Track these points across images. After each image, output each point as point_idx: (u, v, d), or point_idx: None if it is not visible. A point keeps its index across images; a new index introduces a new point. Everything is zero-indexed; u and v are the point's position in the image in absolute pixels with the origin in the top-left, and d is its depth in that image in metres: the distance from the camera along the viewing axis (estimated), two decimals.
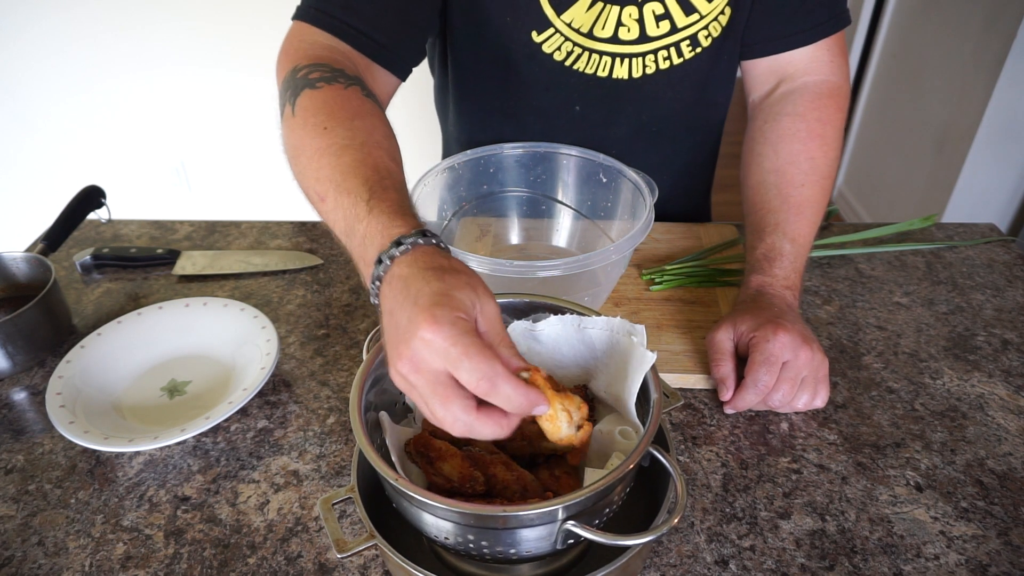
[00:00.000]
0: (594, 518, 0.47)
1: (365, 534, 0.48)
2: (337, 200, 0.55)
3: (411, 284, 0.45)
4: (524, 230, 0.90)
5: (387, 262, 0.47)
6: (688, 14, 0.81)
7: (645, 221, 0.71)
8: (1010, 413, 0.71)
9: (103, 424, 0.70)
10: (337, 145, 0.59)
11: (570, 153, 0.84)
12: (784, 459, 0.67)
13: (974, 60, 1.92)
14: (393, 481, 0.44)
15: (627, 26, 0.81)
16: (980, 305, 0.86)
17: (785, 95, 0.86)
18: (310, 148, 0.60)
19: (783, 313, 0.70)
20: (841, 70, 0.85)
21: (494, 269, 0.65)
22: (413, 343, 0.42)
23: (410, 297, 0.44)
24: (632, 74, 0.85)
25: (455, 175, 0.84)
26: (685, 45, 0.83)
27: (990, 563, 0.57)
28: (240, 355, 0.79)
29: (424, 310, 0.43)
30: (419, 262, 0.46)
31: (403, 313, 0.44)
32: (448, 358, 0.42)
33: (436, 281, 0.45)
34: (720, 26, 0.83)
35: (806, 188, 0.79)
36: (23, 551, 0.60)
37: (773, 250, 0.76)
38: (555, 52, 0.83)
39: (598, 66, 0.84)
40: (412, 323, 0.43)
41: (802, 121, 0.82)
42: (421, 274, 0.46)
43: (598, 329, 0.56)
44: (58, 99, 2.42)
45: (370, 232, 0.50)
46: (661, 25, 0.81)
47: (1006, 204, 2.02)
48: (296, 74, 0.68)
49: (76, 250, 0.99)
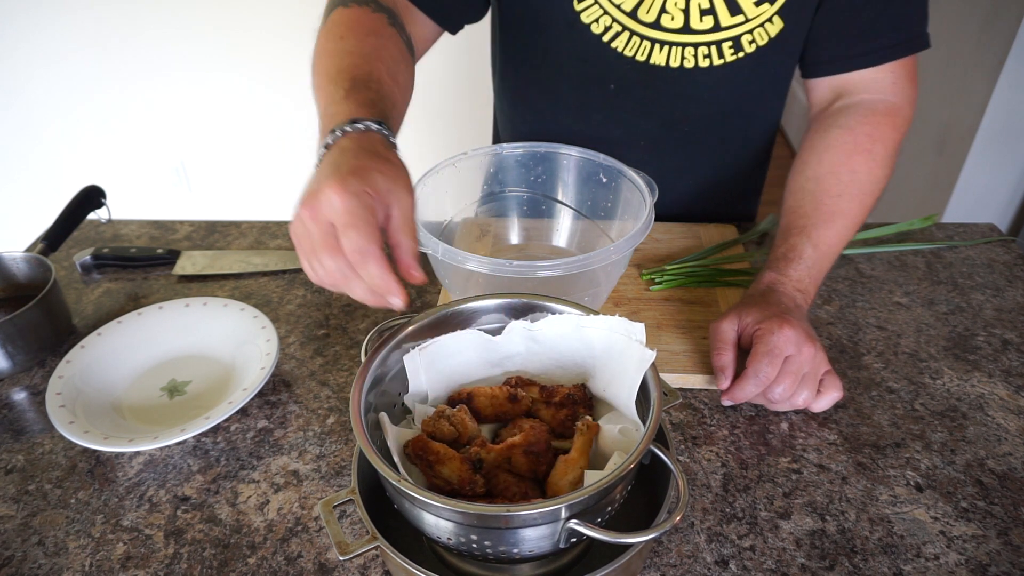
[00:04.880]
0: (596, 516, 0.47)
1: (366, 535, 0.48)
2: (325, 88, 0.64)
3: (345, 154, 0.53)
4: (524, 230, 0.90)
5: (338, 133, 0.56)
6: (733, 14, 0.80)
7: (645, 221, 0.71)
8: (1010, 413, 0.71)
9: (103, 424, 0.70)
10: (344, 51, 0.68)
11: (570, 153, 0.84)
12: (784, 459, 0.67)
13: (974, 60, 1.92)
14: (396, 483, 0.44)
15: (671, 14, 0.80)
16: (980, 305, 0.86)
17: (840, 109, 0.84)
18: (324, 50, 0.70)
19: (790, 310, 0.70)
20: (905, 93, 0.83)
21: (494, 269, 0.65)
22: (320, 195, 0.49)
23: (336, 163, 0.52)
24: (670, 63, 0.84)
25: (456, 175, 0.83)
26: (727, 47, 0.82)
27: (990, 563, 0.57)
28: (240, 355, 0.79)
29: (339, 175, 0.50)
30: (361, 141, 0.55)
31: (325, 172, 0.52)
32: (338, 220, 0.49)
33: (365, 159, 0.53)
34: (767, 35, 0.82)
35: (842, 200, 0.77)
36: (23, 551, 0.60)
37: (793, 251, 0.75)
38: (593, 24, 0.83)
39: (637, 49, 0.83)
40: (326, 181, 0.50)
41: (850, 134, 0.81)
42: (357, 151, 0.54)
43: (597, 328, 0.56)
44: (58, 100, 2.42)
45: (338, 112, 0.59)
46: (705, 20, 0.80)
47: (1006, 204, 2.02)
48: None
49: (76, 250, 0.99)
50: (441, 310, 0.57)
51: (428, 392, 0.57)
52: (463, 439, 0.53)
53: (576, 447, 0.51)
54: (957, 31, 2.01)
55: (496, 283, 0.68)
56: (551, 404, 0.56)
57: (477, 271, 0.66)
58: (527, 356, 0.59)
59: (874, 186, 0.80)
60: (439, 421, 0.53)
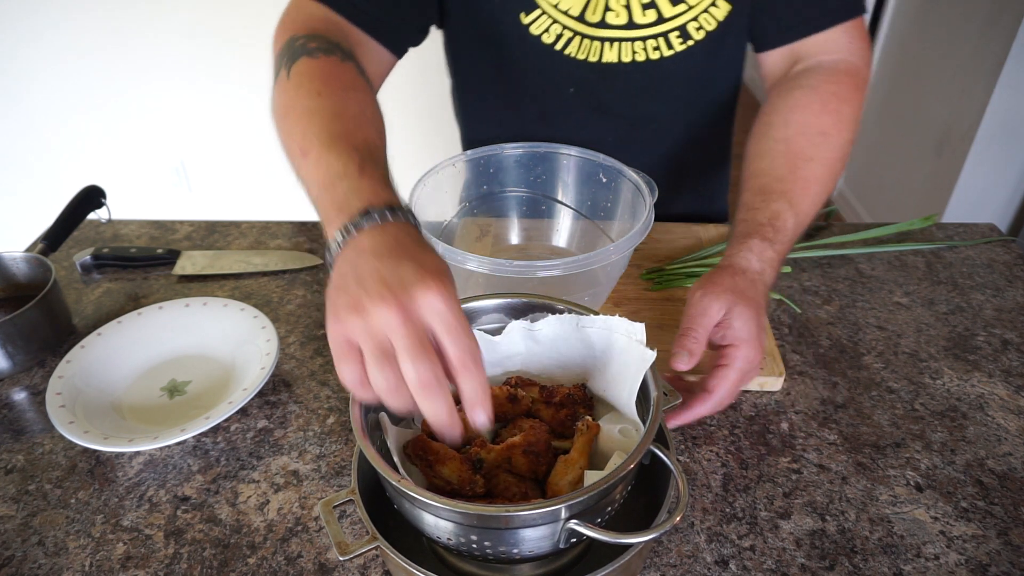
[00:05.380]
0: (596, 516, 0.47)
1: (366, 536, 0.48)
2: (322, 156, 0.55)
3: (408, 246, 0.46)
4: (524, 230, 0.90)
5: (377, 218, 0.47)
6: (675, 4, 0.80)
7: (645, 221, 0.71)
8: (1010, 413, 0.71)
9: (103, 424, 0.70)
10: (329, 111, 0.60)
11: (570, 153, 0.84)
12: (784, 459, 0.67)
13: (974, 60, 1.92)
14: (396, 483, 0.44)
15: (615, 11, 0.81)
16: (980, 305, 0.86)
17: (801, 71, 0.82)
18: (301, 108, 0.61)
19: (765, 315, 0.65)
20: (861, 53, 0.81)
21: (494, 269, 0.65)
22: (415, 292, 0.42)
23: (410, 254, 0.45)
24: (621, 58, 0.84)
25: (455, 175, 0.84)
26: (675, 36, 0.82)
27: (990, 563, 0.57)
28: (240, 355, 0.79)
29: (433, 274, 0.43)
30: (413, 234, 0.48)
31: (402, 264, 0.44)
32: (445, 322, 0.43)
33: (438, 258, 0.46)
34: (714, 20, 0.82)
35: (815, 165, 0.73)
36: (23, 551, 0.60)
37: (779, 219, 0.69)
38: (543, 35, 0.83)
39: (588, 51, 0.84)
40: (418, 275, 0.43)
41: (816, 94, 0.77)
42: (419, 244, 0.47)
43: (596, 328, 0.56)
44: (58, 99, 2.42)
45: (361, 188, 0.50)
46: (648, 14, 0.81)
47: (1006, 204, 2.02)
48: (294, 43, 0.69)
49: (76, 250, 0.99)
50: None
51: None
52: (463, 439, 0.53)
53: (576, 447, 0.51)
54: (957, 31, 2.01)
55: (496, 283, 0.68)
56: (551, 404, 0.56)
57: (477, 271, 0.66)
58: (527, 356, 0.59)
59: (842, 151, 0.76)
60: None
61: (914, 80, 2.27)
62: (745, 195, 0.73)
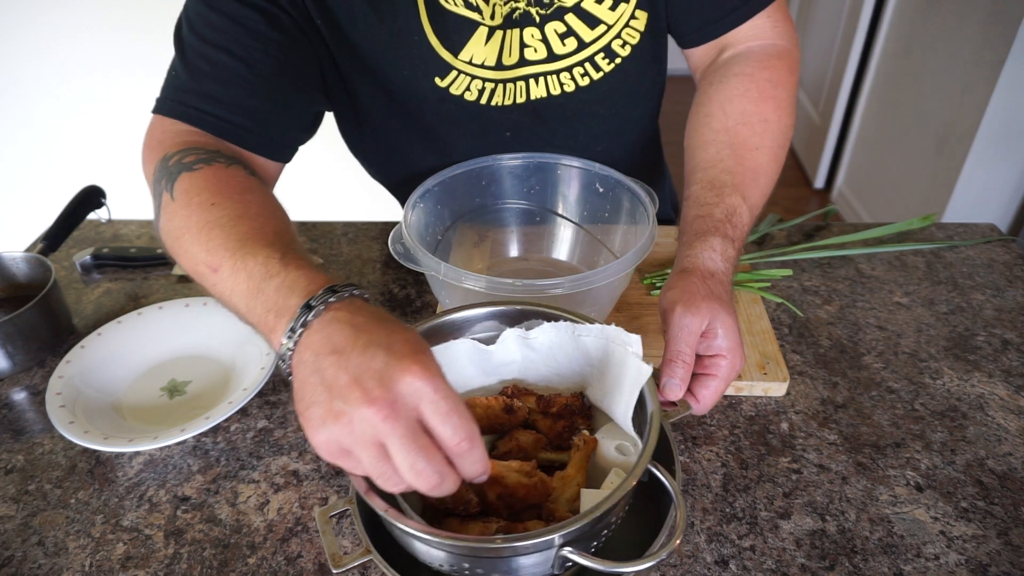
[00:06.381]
0: (592, 541, 0.46)
1: (362, 547, 0.47)
2: (236, 265, 0.51)
3: (367, 329, 0.42)
4: (522, 241, 0.89)
5: (320, 307, 0.44)
6: (593, 27, 0.77)
7: (649, 236, 0.69)
8: (1010, 413, 0.71)
9: (103, 424, 0.70)
10: (229, 217, 0.55)
11: (565, 163, 0.83)
12: (784, 459, 0.67)
13: (974, 60, 1.92)
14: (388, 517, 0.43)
15: (532, 47, 0.77)
16: (980, 305, 0.86)
17: (731, 58, 0.80)
18: (196, 225, 0.56)
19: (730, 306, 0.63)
20: (788, 34, 0.80)
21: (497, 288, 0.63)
22: (393, 383, 0.39)
23: (373, 339, 0.41)
24: (550, 91, 0.80)
25: (449, 188, 0.82)
26: (601, 58, 0.79)
27: (990, 563, 0.57)
28: (240, 355, 0.79)
29: (408, 356, 0.40)
30: (366, 311, 0.44)
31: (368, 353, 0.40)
32: (433, 406, 0.40)
33: (404, 331, 0.42)
34: (637, 32, 0.79)
35: (760, 153, 0.72)
36: (23, 551, 0.60)
37: (735, 214, 0.67)
38: (465, 93, 0.79)
39: (515, 93, 0.80)
40: (391, 362, 0.40)
41: (752, 81, 0.76)
42: (380, 323, 0.43)
43: (593, 337, 0.54)
44: (58, 99, 2.42)
45: (289, 283, 0.47)
46: (567, 43, 0.77)
47: (1006, 204, 2.02)
48: (168, 162, 0.63)
49: (76, 250, 0.99)
50: (433, 320, 0.56)
51: None
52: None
53: (573, 463, 0.51)
54: (957, 31, 2.01)
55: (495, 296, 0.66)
56: (548, 415, 0.55)
57: (477, 290, 0.64)
58: (524, 364, 0.58)
59: (784, 137, 0.75)
60: None
61: (914, 80, 2.27)
62: (694, 188, 0.71)
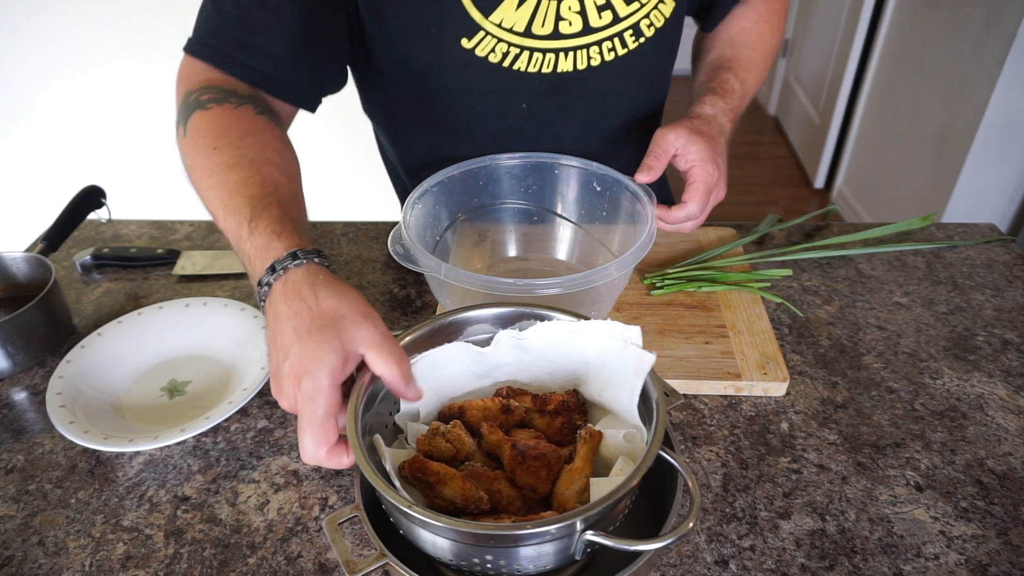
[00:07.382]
0: (610, 525, 0.46)
1: (374, 553, 0.47)
2: (226, 220, 0.59)
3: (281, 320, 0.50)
4: (521, 241, 0.89)
5: (266, 286, 0.52)
6: (629, 3, 0.80)
7: (648, 235, 0.70)
8: (1010, 413, 0.71)
9: (103, 424, 0.70)
10: (225, 164, 0.61)
11: (563, 163, 0.83)
12: (784, 459, 0.67)
13: (974, 60, 1.92)
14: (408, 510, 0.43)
15: (568, 19, 0.79)
16: (980, 305, 0.86)
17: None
18: (200, 168, 0.63)
19: (723, 150, 0.79)
20: None
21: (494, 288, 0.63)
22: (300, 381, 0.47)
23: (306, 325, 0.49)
24: (577, 66, 0.82)
25: (445, 190, 0.81)
26: (628, 35, 0.82)
27: (990, 563, 0.57)
28: (240, 355, 0.79)
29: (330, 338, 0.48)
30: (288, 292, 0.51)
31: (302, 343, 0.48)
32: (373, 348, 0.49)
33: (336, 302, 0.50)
34: (663, 16, 0.82)
35: (755, 53, 0.90)
36: (23, 551, 0.60)
37: (726, 83, 0.85)
38: (490, 55, 0.79)
39: (541, 63, 0.81)
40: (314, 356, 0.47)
41: (752, 9, 0.93)
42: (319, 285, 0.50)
43: (588, 334, 0.55)
44: (58, 98, 2.42)
45: (252, 253, 0.55)
46: (604, 15, 0.80)
47: (1006, 204, 2.02)
48: (188, 98, 0.71)
49: (76, 250, 0.99)
50: (429, 323, 0.56)
51: (419, 408, 0.56)
52: (461, 455, 0.52)
53: (580, 456, 0.51)
54: (957, 31, 2.01)
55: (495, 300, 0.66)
56: (545, 413, 0.55)
57: (478, 291, 0.64)
58: (516, 365, 0.58)
59: (774, 50, 0.94)
60: (435, 439, 0.52)
61: (914, 80, 2.27)
62: (699, 77, 0.90)
